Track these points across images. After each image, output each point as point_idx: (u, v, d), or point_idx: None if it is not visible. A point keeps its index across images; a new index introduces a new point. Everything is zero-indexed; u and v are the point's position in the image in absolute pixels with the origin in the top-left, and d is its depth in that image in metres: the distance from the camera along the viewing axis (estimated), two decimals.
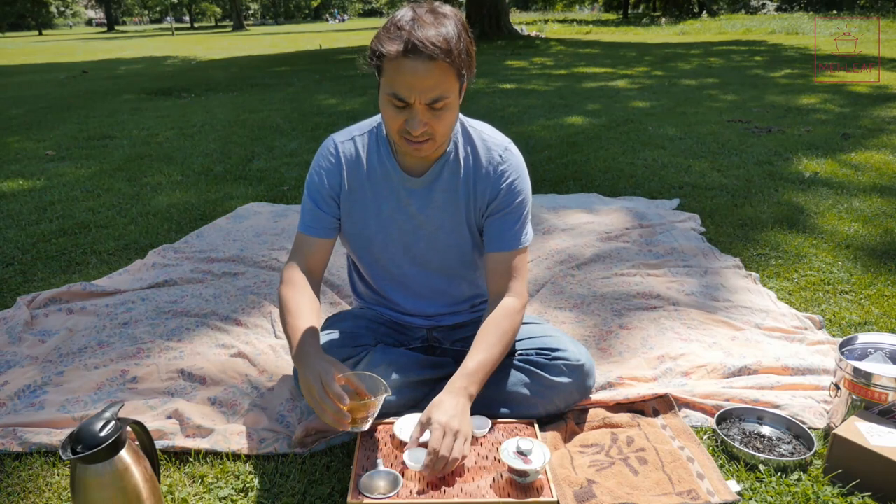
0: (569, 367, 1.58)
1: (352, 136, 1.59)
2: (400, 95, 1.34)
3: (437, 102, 1.35)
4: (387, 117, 1.41)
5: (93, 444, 1.14)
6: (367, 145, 1.57)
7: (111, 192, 3.96)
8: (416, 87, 1.32)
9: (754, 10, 33.59)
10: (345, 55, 15.55)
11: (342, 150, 1.58)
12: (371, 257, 1.66)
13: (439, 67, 1.31)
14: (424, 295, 1.70)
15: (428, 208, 1.57)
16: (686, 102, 6.88)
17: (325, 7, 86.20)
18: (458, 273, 1.69)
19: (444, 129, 1.41)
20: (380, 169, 1.56)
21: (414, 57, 1.30)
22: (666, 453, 1.49)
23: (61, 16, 74.58)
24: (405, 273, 1.67)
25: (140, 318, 2.19)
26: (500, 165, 1.55)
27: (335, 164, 1.57)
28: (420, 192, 1.56)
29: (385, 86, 1.36)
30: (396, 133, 1.41)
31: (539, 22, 29.89)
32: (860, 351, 1.61)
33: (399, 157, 1.54)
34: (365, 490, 1.35)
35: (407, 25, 1.31)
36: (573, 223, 3.11)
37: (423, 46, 1.28)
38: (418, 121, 1.36)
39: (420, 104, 1.34)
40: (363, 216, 1.59)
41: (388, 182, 1.56)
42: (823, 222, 3.12)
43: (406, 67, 1.31)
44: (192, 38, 31.32)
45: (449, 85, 1.35)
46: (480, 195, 1.56)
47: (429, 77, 1.31)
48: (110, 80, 11.35)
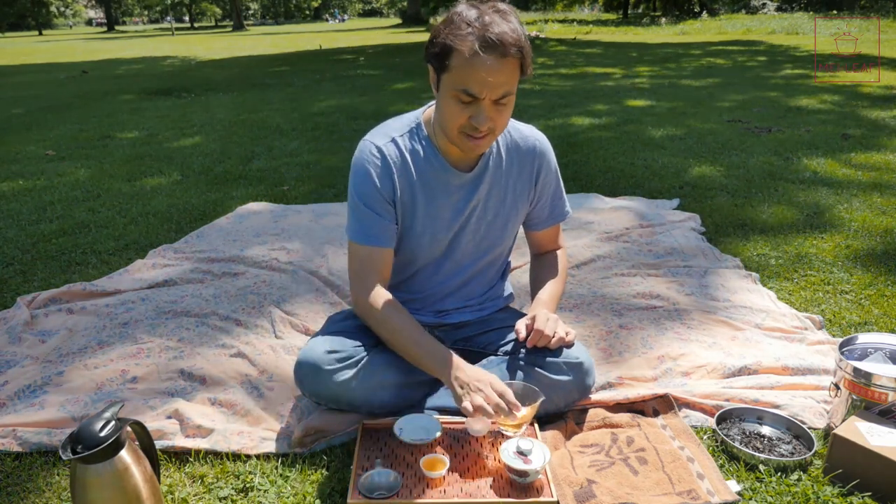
0: (568, 365, 1.58)
1: (391, 138, 1.56)
2: (472, 91, 1.35)
3: (504, 98, 1.38)
4: (450, 114, 1.41)
5: (93, 444, 1.14)
6: (408, 146, 1.56)
7: (111, 192, 3.96)
8: (489, 84, 1.35)
9: (754, 10, 33.57)
10: (345, 55, 15.56)
11: (387, 152, 1.54)
12: (410, 257, 1.65)
13: (511, 63, 1.35)
14: (445, 291, 1.72)
15: (477, 201, 1.60)
16: (686, 102, 6.88)
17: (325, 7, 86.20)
18: (488, 266, 1.73)
19: (504, 124, 1.46)
20: (427, 168, 1.56)
21: (489, 53, 1.32)
22: (666, 453, 1.49)
23: (61, 16, 74.56)
24: (439, 270, 1.68)
25: (140, 318, 2.19)
26: (536, 147, 1.64)
27: (383, 167, 1.53)
28: (470, 187, 1.59)
29: (452, 82, 1.37)
30: (457, 129, 1.42)
31: (539, 22, 29.89)
32: (860, 351, 1.61)
33: (445, 154, 1.56)
34: (365, 490, 1.35)
35: (476, 22, 1.34)
36: (573, 223, 3.11)
37: (499, 43, 1.32)
38: (485, 116, 1.39)
39: (489, 100, 1.37)
40: (413, 217, 1.58)
41: (437, 180, 1.57)
42: (823, 222, 3.12)
43: (480, 64, 1.33)
44: (191, 38, 31.31)
45: (515, 80, 1.39)
46: (527, 178, 1.64)
47: (502, 73, 1.35)
48: (110, 80, 11.36)
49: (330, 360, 1.54)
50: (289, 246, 2.86)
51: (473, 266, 1.70)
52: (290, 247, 2.85)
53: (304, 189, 3.94)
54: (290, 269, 2.60)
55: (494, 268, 1.77)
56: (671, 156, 4.52)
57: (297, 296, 2.36)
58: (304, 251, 2.81)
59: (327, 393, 1.55)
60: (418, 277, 1.70)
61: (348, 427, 1.58)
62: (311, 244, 2.88)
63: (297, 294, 2.38)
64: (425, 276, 1.69)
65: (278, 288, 2.42)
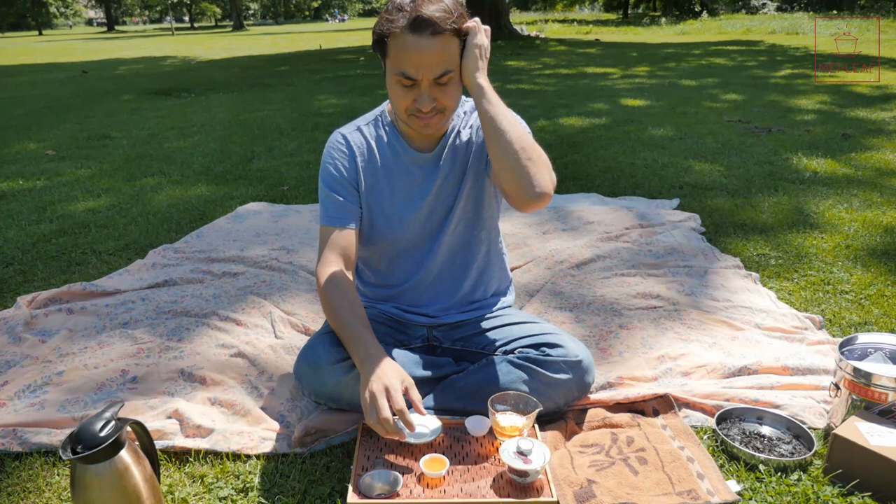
0: (568, 363, 1.58)
1: (357, 127, 1.64)
2: (408, 73, 1.38)
3: (443, 77, 1.40)
4: (395, 97, 1.45)
5: (93, 444, 1.14)
6: (374, 133, 1.62)
7: (111, 192, 3.96)
8: (423, 64, 1.37)
9: (754, 9, 33.59)
10: (345, 55, 15.56)
11: (351, 140, 1.62)
12: (387, 242, 1.67)
13: (444, 41, 1.37)
14: (434, 282, 1.72)
15: (440, 178, 1.61)
16: (686, 102, 6.88)
17: (325, 7, 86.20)
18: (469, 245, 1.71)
19: (452, 102, 1.47)
20: (390, 152, 1.61)
21: (419, 33, 1.35)
22: (666, 453, 1.49)
23: (61, 16, 74.56)
24: (421, 255, 1.68)
25: (140, 318, 2.19)
26: None
27: (348, 153, 1.60)
28: (430, 166, 1.61)
29: (391, 66, 1.41)
30: (405, 112, 1.46)
31: (539, 22, 29.90)
32: (860, 351, 1.61)
33: (407, 137, 1.60)
34: (365, 490, 1.35)
35: (408, 6, 1.36)
36: (573, 223, 3.11)
37: (427, 21, 1.34)
38: (427, 98, 1.41)
39: (427, 80, 1.39)
40: (380, 201, 1.62)
41: (400, 164, 1.61)
42: (823, 222, 3.12)
43: (412, 44, 1.36)
44: (192, 38, 31.32)
45: (453, 57, 1.40)
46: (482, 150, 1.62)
47: (435, 52, 1.37)
48: (110, 80, 11.36)
49: (330, 360, 1.54)
50: (289, 245, 2.87)
51: (456, 247, 1.69)
52: (290, 247, 2.85)
53: (304, 189, 3.94)
54: (290, 269, 2.60)
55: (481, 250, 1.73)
56: (671, 156, 4.52)
57: (297, 296, 2.36)
58: (304, 251, 2.81)
59: (327, 392, 1.56)
60: (403, 263, 1.70)
61: (348, 427, 1.58)
62: (311, 244, 2.88)
63: (297, 294, 2.38)
64: (410, 262, 1.70)
65: (278, 288, 2.42)
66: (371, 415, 1.34)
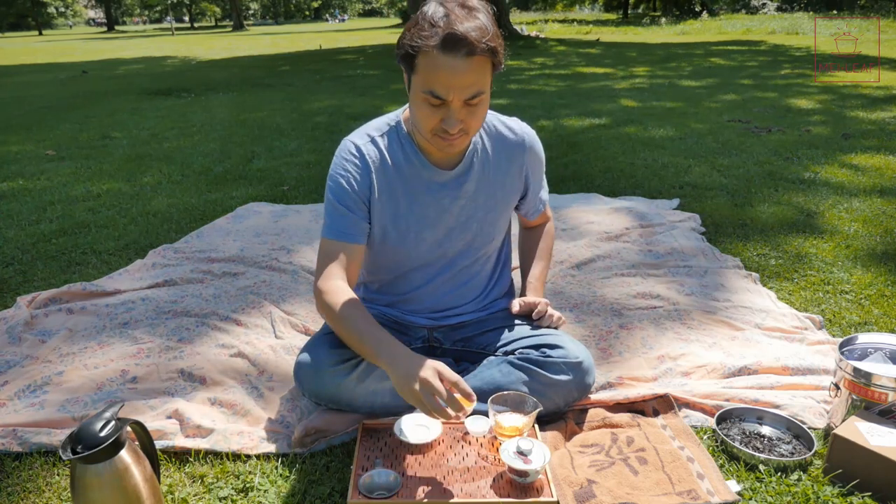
0: (568, 364, 1.58)
1: (371, 138, 1.56)
2: (437, 93, 1.31)
3: (474, 98, 1.34)
4: (421, 116, 1.38)
5: (93, 444, 1.14)
6: (388, 145, 1.55)
7: (111, 192, 3.96)
8: (455, 85, 1.30)
9: (754, 9, 33.58)
10: (345, 55, 15.56)
11: (366, 151, 1.54)
12: (398, 258, 1.64)
13: (478, 62, 1.30)
14: (440, 290, 1.70)
15: (465, 199, 1.59)
16: (686, 102, 6.88)
17: (326, 7, 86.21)
18: (482, 263, 1.72)
19: (478, 124, 1.41)
20: (407, 167, 1.54)
21: (452, 53, 1.27)
22: (666, 453, 1.49)
23: (61, 16, 74.57)
24: (433, 269, 1.67)
25: (140, 318, 2.19)
26: (525, 141, 1.64)
27: (361, 166, 1.53)
28: (452, 184, 1.57)
29: (419, 84, 1.33)
30: (430, 131, 1.39)
31: (539, 22, 29.91)
32: (860, 351, 1.61)
33: (426, 153, 1.54)
34: (365, 490, 1.35)
35: (441, 21, 1.28)
36: (573, 223, 3.11)
37: (463, 41, 1.26)
38: (455, 119, 1.35)
39: (458, 101, 1.33)
40: (395, 217, 1.57)
41: (418, 179, 1.55)
42: (823, 222, 3.12)
43: (444, 64, 1.28)
44: (192, 38, 31.31)
45: (486, 79, 1.34)
46: (517, 173, 1.65)
47: (468, 74, 1.30)
48: (110, 80, 11.36)
49: (330, 361, 1.54)
50: (289, 245, 2.87)
51: (467, 264, 1.69)
52: (290, 247, 2.85)
53: (304, 189, 3.94)
54: (290, 269, 2.60)
55: (489, 264, 1.75)
56: (671, 156, 4.52)
57: (297, 296, 2.36)
58: (304, 251, 2.81)
59: (327, 393, 1.56)
60: (412, 277, 1.69)
61: (348, 427, 1.58)
62: (311, 244, 2.88)
63: (297, 294, 2.38)
64: (419, 276, 1.68)
65: (278, 288, 2.42)
66: (428, 399, 1.28)
